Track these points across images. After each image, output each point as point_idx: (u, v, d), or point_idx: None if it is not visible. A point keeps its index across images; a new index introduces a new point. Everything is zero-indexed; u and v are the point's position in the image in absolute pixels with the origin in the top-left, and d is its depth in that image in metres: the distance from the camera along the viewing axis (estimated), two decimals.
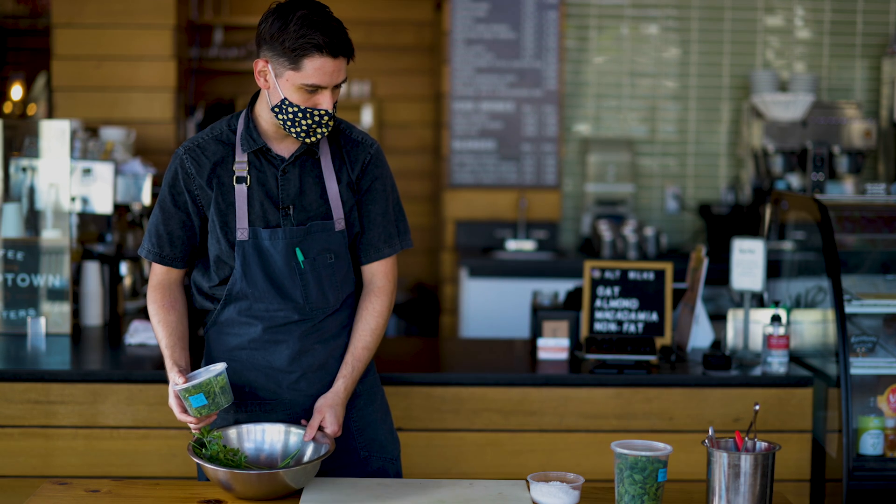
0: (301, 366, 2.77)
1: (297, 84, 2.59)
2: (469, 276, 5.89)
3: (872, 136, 6.13)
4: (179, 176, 2.74)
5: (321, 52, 2.57)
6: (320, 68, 2.58)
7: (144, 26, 5.70)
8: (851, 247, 4.10)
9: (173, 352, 2.73)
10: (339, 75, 2.62)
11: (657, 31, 6.70)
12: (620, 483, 2.40)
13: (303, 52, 2.56)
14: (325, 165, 2.76)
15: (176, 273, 2.83)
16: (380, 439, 2.89)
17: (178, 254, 2.79)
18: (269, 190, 2.72)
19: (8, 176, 4.14)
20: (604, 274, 3.85)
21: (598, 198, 6.54)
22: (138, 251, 2.85)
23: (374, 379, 2.95)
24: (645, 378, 3.60)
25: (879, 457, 3.60)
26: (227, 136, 2.75)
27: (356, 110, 8.00)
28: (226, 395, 2.60)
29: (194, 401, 2.57)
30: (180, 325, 2.79)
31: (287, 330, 2.75)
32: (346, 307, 2.83)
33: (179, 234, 2.77)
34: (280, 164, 2.73)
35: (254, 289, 2.72)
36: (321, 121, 2.64)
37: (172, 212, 2.76)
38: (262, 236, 2.70)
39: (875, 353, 3.72)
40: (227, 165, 2.73)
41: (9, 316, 4.06)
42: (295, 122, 2.63)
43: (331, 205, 2.75)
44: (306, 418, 2.77)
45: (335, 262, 2.77)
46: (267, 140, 2.73)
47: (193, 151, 2.74)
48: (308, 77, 2.58)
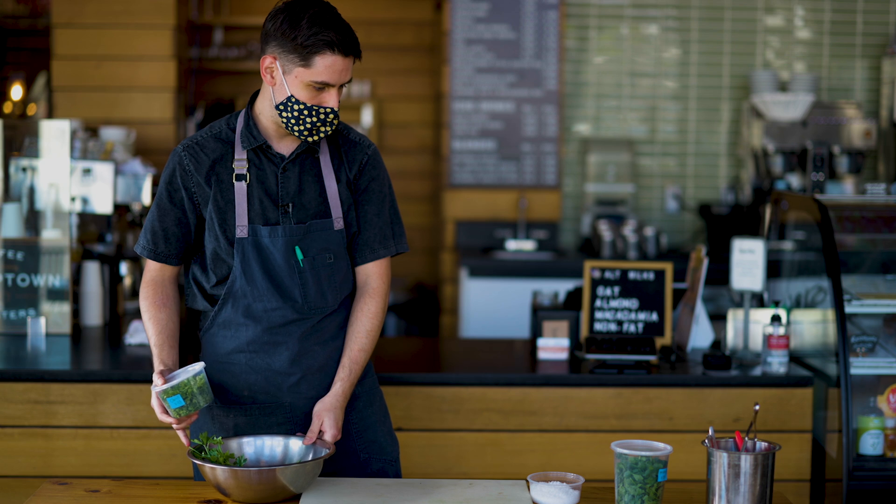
0: (301, 368, 2.77)
1: (307, 81, 2.60)
2: (469, 276, 5.89)
3: (872, 136, 6.13)
4: (177, 173, 2.74)
5: (333, 49, 2.59)
6: (331, 66, 2.60)
7: (144, 26, 5.70)
8: (851, 247, 4.10)
9: (161, 350, 2.72)
10: (346, 74, 2.64)
11: (657, 31, 6.70)
12: (620, 483, 2.40)
13: (315, 49, 2.58)
14: (325, 164, 2.77)
15: (170, 270, 2.83)
16: (379, 441, 2.88)
17: (172, 251, 2.79)
18: (268, 188, 2.73)
19: (8, 176, 4.14)
20: (604, 274, 3.85)
21: (598, 198, 6.54)
22: (134, 248, 2.86)
23: (373, 380, 2.94)
24: (645, 378, 3.60)
25: (879, 457, 3.60)
26: (226, 135, 2.76)
27: (356, 110, 8.00)
28: (204, 395, 2.60)
29: (172, 402, 2.57)
30: (171, 322, 2.79)
31: (286, 331, 2.75)
32: (344, 308, 2.82)
33: (175, 231, 2.77)
34: (280, 162, 2.74)
35: (253, 286, 2.72)
36: (326, 119, 2.64)
37: (168, 208, 2.76)
38: (261, 233, 2.71)
39: (875, 353, 3.72)
40: (226, 163, 2.73)
41: (9, 316, 4.06)
42: (300, 119, 2.64)
43: (329, 204, 2.76)
44: (306, 423, 2.76)
45: (334, 262, 2.77)
46: (267, 138, 2.74)
47: (192, 149, 2.75)
48: (318, 74, 2.60)
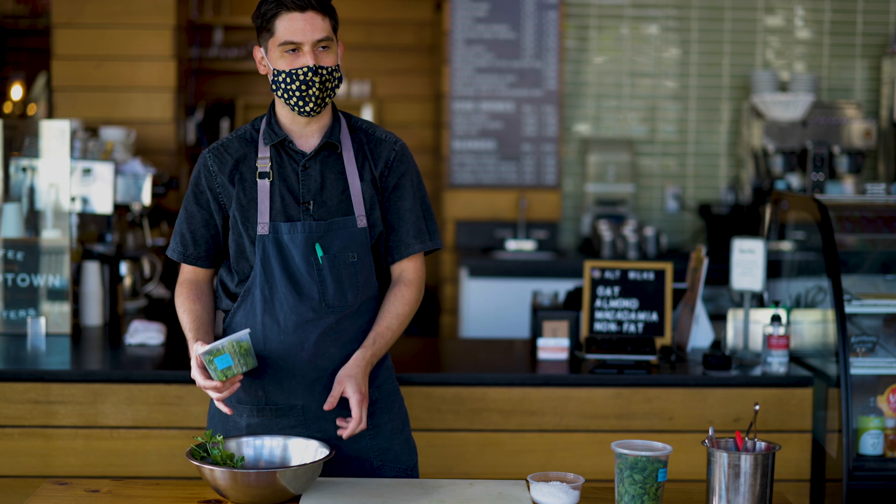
0: (317, 369, 2.74)
1: (278, 49, 2.67)
2: (469, 276, 5.89)
3: (872, 136, 6.13)
4: (202, 175, 2.78)
5: (286, 8, 2.65)
6: (289, 24, 2.65)
7: (144, 26, 5.70)
8: (851, 247, 4.10)
9: (197, 333, 2.73)
10: (314, 31, 2.67)
11: (657, 31, 6.70)
12: (620, 483, 2.40)
13: (271, 13, 2.66)
14: (348, 161, 2.77)
15: (203, 272, 2.85)
16: (395, 449, 2.84)
17: (201, 253, 2.81)
18: (289, 185, 2.74)
19: (8, 176, 4.14)
20: (604, 274, 3.85)
21: (598, 198, 6.54)
22: (166, 252, 2.88)
23: (393, 387, 2.91)
24: (645, 378, 3.60)
25: (879, 457, 3.60)
26: (250, 135, 2.81)
27: (356, 110, 8.00)
28: (249, 359, 2.60)
29: (219, 362, 2.57)
30: (205, 314, 2.80)
31: (303, 331, 2.73)
32: (365, 311, 2.78)
33: (203, 234, 2.80)
34: (301, 159, 2.75)
35: (272, 283, 2.72)
36: (305, 78, 2.66)
37: (195, 211, 2.79)
38: (281, 230, 2.71)
39: (875, 353, 3.72)
40: (249, 162, 2.76)
41: (9, 316, 4.06)
42: (287, 90, 2.69)
43: (353, 201, 2.75)
44: (319, 426, 2.74)
45: (357, 261, 2.75)
46: (289, 133, 2.77)
47: (217, 150, 2.80)
48: (281, 36, 2.66)
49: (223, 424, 2.80)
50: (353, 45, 7.67)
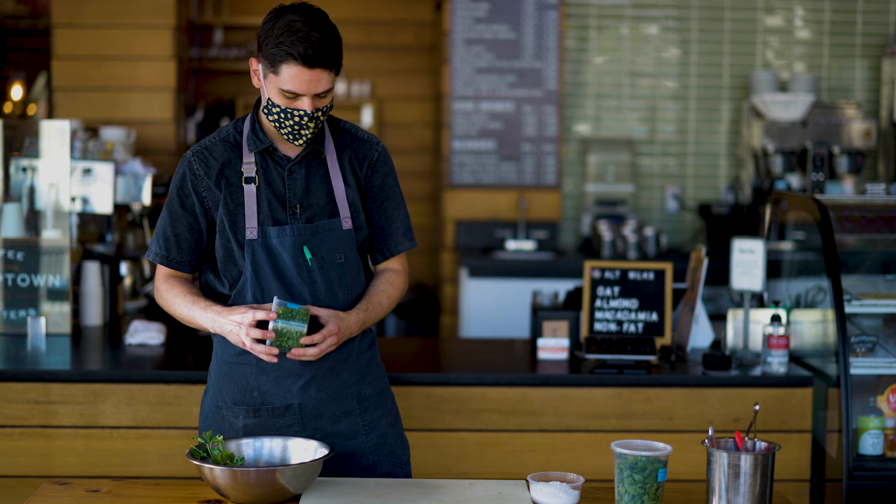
0: (311, 369, 2.76)
1: (277, 88, 2.64)
2: (469, 276, 5.89)
3: (872, 136, 6.13)
4: (187, 178, 2.77)
5: (296, 61, 2.60)
6: (295, 76, 2.62)
7: (144, 26, 5.71)
8: (851, 247, 4.10)
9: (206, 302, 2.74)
10: (317, 85, 2.64)
11: (657, 31, 6.71)
12: (620, 483, 2.40)
13: (280, 59, 2.62)
14: (332, 164, 2.79)
15: (182, 276, 2.84)
16: (389, 444, 2.87)
17: (185, 258, 2.80)
18: (276, 189, 2.75)
19: (8, 176, 4.14)
20: (604, 274, 3.85)
21: (598, 198, 6.54)
22: (146, 255, 2.86)
23: (384, 383, 2.93)
24: (645, 378, 3.60)
25: (879, 457, 3.60)
26: (233, 138, 2.79)
27: (356, 110, 8.00)
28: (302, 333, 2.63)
29: (297, 325, 2.60)
30: (193, 288, 2.80)
31: None
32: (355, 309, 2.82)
33: (187, 237, 2.79)
34: (286, 164, 2.76)
35: (264, 287, 2.73)
36: (301, 121, 2.67)
37: (180, 214, 2.78)
38: (270, 234, 2.72)
39: (875, 353, 3.72)
40: (234, 167, 2.76)
41: (9, 316, 4.06)
42: (280, 122, 2.69)
43: (338, 203, 2.77)
44: (316, 425, 2.76)
45: (345, 262, 2.78)
46: (273, 140, 2.76)
47: (201, 154, 2.77)
48: (285, 83, 2.63)
49: (218, 426, 2.80)
50: (353, 45, 7.67)
